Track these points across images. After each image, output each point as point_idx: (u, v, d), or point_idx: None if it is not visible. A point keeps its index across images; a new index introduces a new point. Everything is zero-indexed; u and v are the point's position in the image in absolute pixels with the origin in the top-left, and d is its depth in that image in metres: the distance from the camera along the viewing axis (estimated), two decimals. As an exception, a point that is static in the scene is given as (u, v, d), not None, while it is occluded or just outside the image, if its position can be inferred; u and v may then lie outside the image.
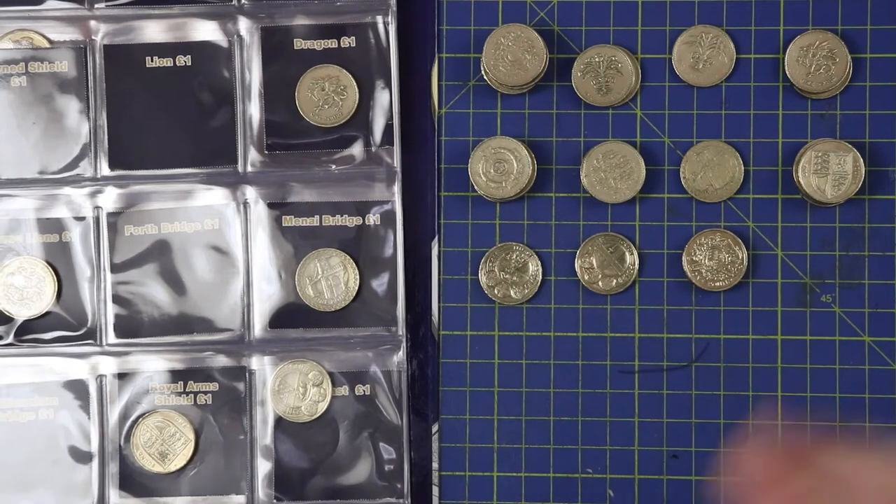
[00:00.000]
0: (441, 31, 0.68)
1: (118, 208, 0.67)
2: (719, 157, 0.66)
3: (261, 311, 0.67)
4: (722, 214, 0.67)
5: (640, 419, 0.67)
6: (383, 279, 0.67)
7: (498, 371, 0.67)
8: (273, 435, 0.67)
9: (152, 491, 0.67)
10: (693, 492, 0.66)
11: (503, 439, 0.67)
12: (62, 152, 0.67)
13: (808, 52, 0.66)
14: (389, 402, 0.67)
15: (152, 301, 0.67)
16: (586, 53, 0.67)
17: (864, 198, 0.66)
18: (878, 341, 0.66)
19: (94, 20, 0.67)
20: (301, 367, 0.67)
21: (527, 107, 0.67)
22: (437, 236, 0.68)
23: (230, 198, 0.67)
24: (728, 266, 0.66)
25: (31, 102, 0.68)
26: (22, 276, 0.67)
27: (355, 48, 0.67)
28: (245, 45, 0.67)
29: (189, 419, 0.67)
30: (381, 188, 0.67)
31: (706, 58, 0.66)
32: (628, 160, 0.66)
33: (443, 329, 0.67)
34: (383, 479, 0.67)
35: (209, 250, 0.67)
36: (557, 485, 0.67)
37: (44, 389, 0.67)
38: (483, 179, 0.66)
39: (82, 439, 0.67)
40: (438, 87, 0.68)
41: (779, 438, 0.64)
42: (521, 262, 0.67)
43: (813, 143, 0.65)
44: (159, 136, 0.67)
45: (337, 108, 0.67)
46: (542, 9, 0.67)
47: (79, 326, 0.67)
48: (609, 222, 0.67)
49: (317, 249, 0.67)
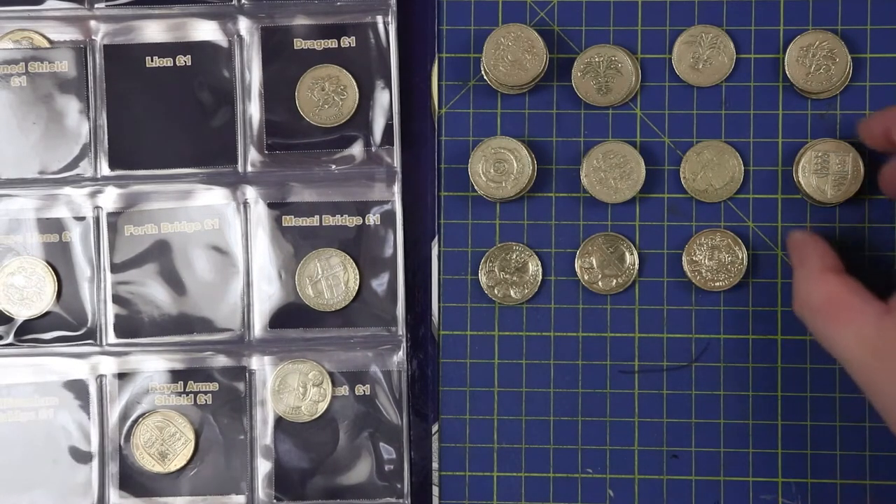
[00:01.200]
0: (441, 31, 0.68)
1: (118, 208, 0.67)
2: (719, 157, 0.66)
3: (261, 311, 0.67)
4: (722, 214, 0.67)
5: (640, 419, 0.67)
6: (383, 279, 0.67)
7: (498, 371, 0.67)
8: (273, 435, 0.67)
9: (152, 491, 0.67)
10: (693, 492, 0.66)
11: (503, 439, 0.67)
12: (62, 152, 0.68)
13: (808, 52, 0.66)
14: (389, 402, 0.67)
15: (152, 301, 0.67)
16: (586, 53, 0.67)
17: (864, 198, 0.66)
18: (878, 341, 0.66)
19: (94, 20, 0.67)
20: (301, 367, 0.67)
21: (527, 107, 0.67)
22: (437, 236, 0.68)
23: (230, 198, 0.67)
24: (728, 266, 0.66)
25: (31, 102, 0.68)
26: (22, 276, 0.67)
27: (355, 48, 0.67)
28: (245, 45, 0.67)
29: (189, 419, 0.67)
30: (381, 188, 0.67)
31: (706, 58, 0.67)
32: (628, 160, 0.66)
33: (443, 329, 0.67)
34: (383, 479, 0.67)
35: (209, 250, 0.67)
36: (557, 485, 0.67)
37: (44, 389, 0.67)
38: (483, 179, 0.66)
39: (82, 439, 0.67)
40: (438, 87, 0.68)
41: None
42: (521, 262, 0.67)
43: (813, 143, 0.66)
44: (159, 136, 0.67)
45: (337, 108, 0.67)
46: (542, 9, 0.67)
47: (79, 326, 0.67)
48: (609, 222, 0.67)
49: (317, 249, 0.67)
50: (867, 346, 0.58)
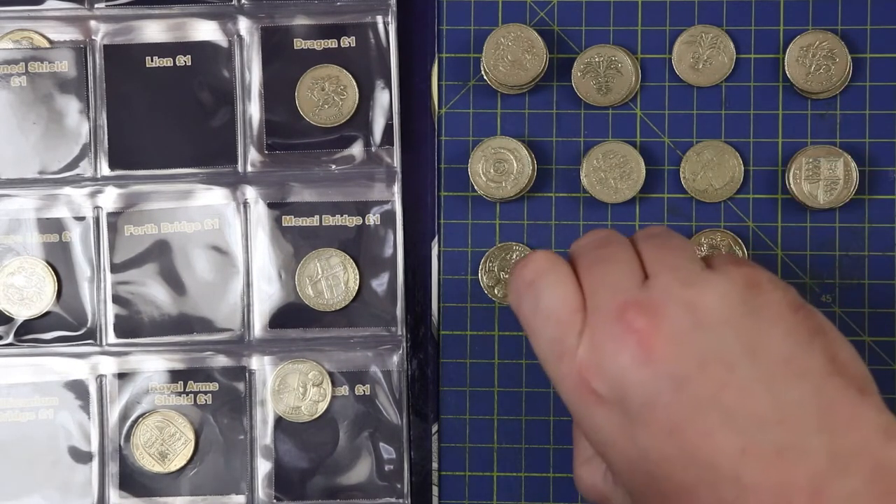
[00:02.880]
0: (441, 31, 0.68)
1: (118, 208, 0.67)
2: (719, 157, 0.66)
3: (261, 311, 0.67)
4: (722, 214, 0.67)
5: (640, 419, 0.67)
6: (383, 279, 0.67)
7: (498, 371, 0.67)
8: (273, 435, 0.67)
9: (152, 491, 0.67)
10: (693, 492, 0.66)
11: (503, 439, 0.67)
12: (62, 152, 0.67)
13: (808, 52, 0.66)
14: (389, 402, 0.67)
15: (152, 301, 0.67)
16: (586, 53, 0.67)
17: (863, 198, 0.66)
18: (878, 341, 0.66)
19: (94, 20, 0.67)
20: (301, 367, 0.67)
21: (527, 107, 0.67)
22: (437, 236, 0.68)
23: (230, 198, 0.67)
24: (728, 266, 0.66)
25: (31, 102, 0.68)
26: (22, 276, 0.67)
27: (355, 48, 0.67)
28: (245, 45, 0.67)
29: (189, 419, 0.67)
30: (381, 188, 0.67)
31: (706, 58, 0.66)
32: (628, 160, 0.66)
33: (443, 329, 0.67)
34: (383, 479, 0.67)
35: (209, 250, 0.67)
36: (557, 485, 0.67)
37: (44, 389, 0.67)
38: (483, 179, 0.66)
39: (82, 439, 0.67)
40: (438, 87, 0.68)
41: None
42: (521, 262, 0.67)
43: (804, 149, 0.65)
44: (159, 136, 0.67)
45: (337, 108, 0.67)
46: (542, 9, 0.67)
47: (79, 326, 0.67)
48: (609, 222, 0.67)
49: (317, 249, 0.67)
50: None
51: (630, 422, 0.50)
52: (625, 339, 0.50)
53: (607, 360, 0.51)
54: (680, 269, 0.52)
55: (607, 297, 0.52)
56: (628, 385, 0.50)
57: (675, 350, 0.50)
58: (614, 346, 0.51)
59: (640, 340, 0.50)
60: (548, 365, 0.53)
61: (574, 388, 0.52)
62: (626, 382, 0.50)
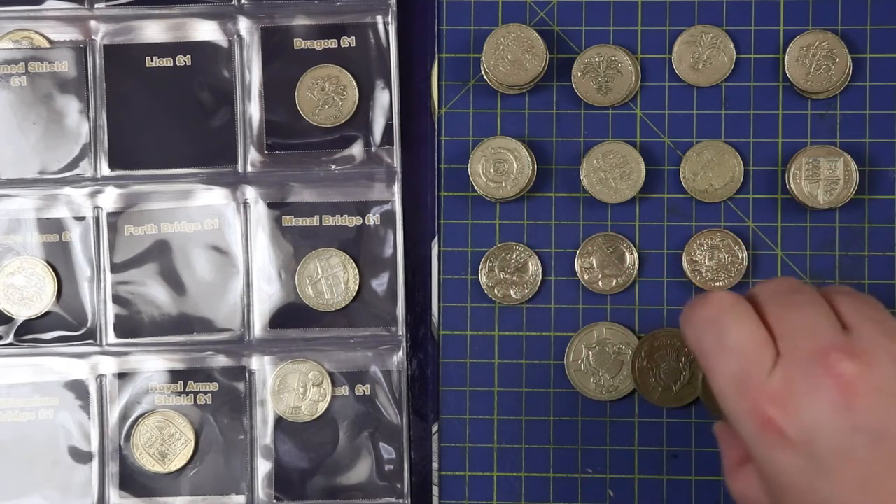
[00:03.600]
0: (441, 31, 0.68)
1: (118, 208, 0.67)
2: (719, 157, 0.66)
3: (261, 311, 0.67)
4: (722, 214, 0.67)
5: (640, 419, 0.67)
6: (383, 279, 0.67)
7: (498, 371, 0.67)
8: (273, 435, 0.67)
9: (152, 491, 0.67)
10: (693, 492, 0.66)
11: (503, 439, 0.67)
12: (62, 152, 0.67)
13: (808, 52, 0.66)
14: (389, 402, 0.67)
15: (152, 301, 0.67)
16: (586, 53, 0.67)
17: (863, 198, 0.66)
18: (878, 341, 0.66)
19: (94, 20, 0.67)
20: (301, 367, 0.67)
21: (527, 107, 0.67)
22: (437, 236, 0.68)
23: (230, 198, 0.67)
24: (728, 266, 0.66)
25: (31, 102, 0.68)
26: (22, 276, 0.67)
27: (355, 48, 0.67)
28: (245, 45, 0.67)
29: (189, 419, 0.67)
30: (381, 188, 0.67)
31: (706, 58, 0.66)
32: (628, 160, 0.66)
33: (443, 329, 0.67)
34: (383, 479, 0.67)
35: (209, 250, 0.67)
36: (557, 485, 0.67)
37: (44, 389, 0.67)
38: (483, 179, 0.66)
39: (82, 439, 0.67)
40: (438, 87, 0.68)
41: None
42: (521, 262, 0.67)
43: (804, 149, 0.65)
44: (159, 136, 0.67)
45: (337, 108, 0.67)
46: (542, 9, 0.67)
47: (79, 326, 0.67)
48: (609, 222, 0.67)
49: (317, 249, 0.67)
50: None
51: (815, 468, 0.49)
52: (825, 382, 0.49)
53: (802, 401, 0.50)
54: (884, 322, 0.51)
55: (806, 339, 0.51)
56: (821, 429, 0.49)
57: (880, 401, 0.49)
58: (812, 387, 0.49)
59: (843, 386, 0.49)
60: (727, 400, 0.52)
61: (756, 425, 0.51)
62: (818, 426, 0.49)
